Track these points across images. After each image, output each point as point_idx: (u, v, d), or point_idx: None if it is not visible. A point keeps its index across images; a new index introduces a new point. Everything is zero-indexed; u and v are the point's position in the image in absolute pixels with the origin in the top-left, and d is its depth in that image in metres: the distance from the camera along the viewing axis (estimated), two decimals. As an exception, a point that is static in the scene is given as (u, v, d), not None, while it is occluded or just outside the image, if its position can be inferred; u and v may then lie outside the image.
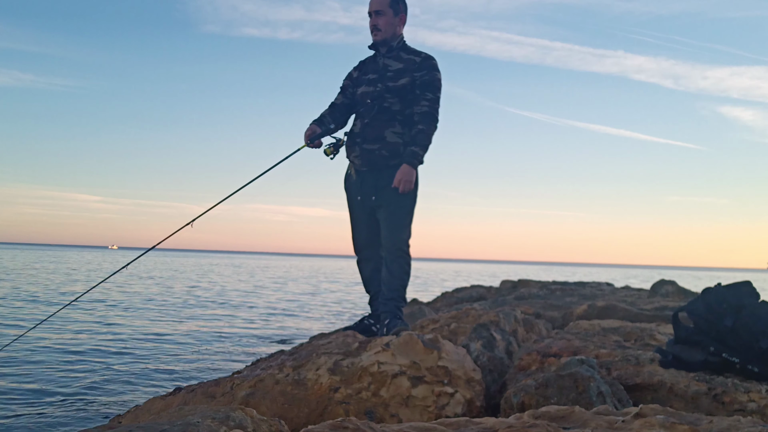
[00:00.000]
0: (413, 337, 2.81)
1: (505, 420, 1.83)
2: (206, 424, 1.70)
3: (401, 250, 3.41)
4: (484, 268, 78.18)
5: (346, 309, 14.36)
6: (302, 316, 12.59)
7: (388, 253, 3.43)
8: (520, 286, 12.34)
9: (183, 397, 2.77)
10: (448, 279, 35.03)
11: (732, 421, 1.68)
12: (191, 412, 1.96)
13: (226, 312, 12.56)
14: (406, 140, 3.38)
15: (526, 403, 2.40)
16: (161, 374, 6.11)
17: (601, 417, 1.81)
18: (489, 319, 4.05)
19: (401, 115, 3.38)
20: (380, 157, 3.38)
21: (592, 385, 2.37)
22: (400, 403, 2.57)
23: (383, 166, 3.39)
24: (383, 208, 3.42)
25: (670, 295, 8.15)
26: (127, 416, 2.78)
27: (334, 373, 2.68)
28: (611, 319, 4.97)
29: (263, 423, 1.89)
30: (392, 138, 3.38)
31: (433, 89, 3.35)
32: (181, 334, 9.04)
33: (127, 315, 11.17)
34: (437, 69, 3.39)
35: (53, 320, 9.81)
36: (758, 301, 2.82)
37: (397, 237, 3.40)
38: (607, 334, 3.87)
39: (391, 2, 3.38)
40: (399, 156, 3.36)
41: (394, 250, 3.40)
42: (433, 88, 3.35)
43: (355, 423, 1.74)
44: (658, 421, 1.68)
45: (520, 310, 4.88)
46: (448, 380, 2.65)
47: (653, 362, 2.90)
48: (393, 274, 3.39)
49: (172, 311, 12.23)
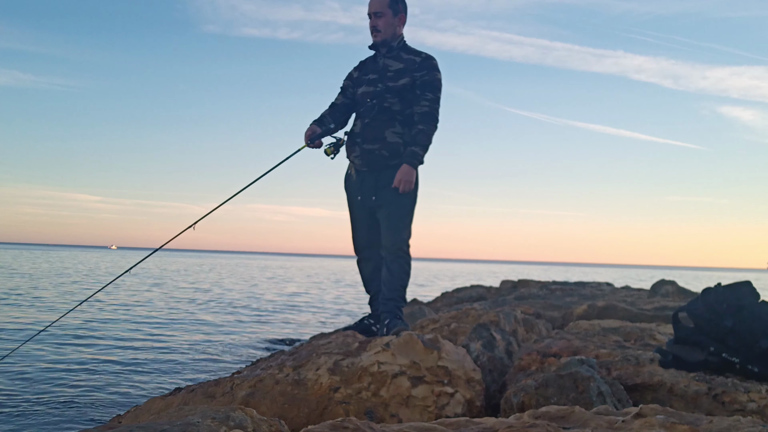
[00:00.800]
0: (413, 337, 2.81)
1: (505, 420, 1.83)
2: (206, 424, 1.70)
3: (401, 250, 3.41)
4: (484, 268, 78.17)
5: (346, 309, 14.36)
6: (302, 316, 12.58)
7: (388, 253, 3.42)
8: (520, 286, 12.34)
9: (183, 397, 2.77)
10: (448, 279, 35.02)
11: (732, 421, 1.68)
12: (191, 412, 1.95)
13: (226, 312, 12.56)
14: (406, 140, 3.37)
15: (526, 403, 2.40)
16: (161, 374, 6.11)
17: (601, 417, 1.81)
18: (489, 319, 4.05)
19: (401, 116, 3.39)
20: (380, 157, 3.38)
21: (592, 385, 2.37)
22: (400, 403, 2.57)
23: (383, 166, 3.39)
24: (383, 208, 3.42)
25: (670, 295, 8.15)
26: (127, 416, 2.78)
27: (334, 373, 2.68)
28: (611, 319, 4.97)
29: (263, 423, 1.88)
30: (392, 138, 3.38)
31: (433, 89, 3.35)
32: (181, 334, 9.04)
33: (127, 315, 11.17)
34: (437, 69, 3.38)
35: (52, 319, 9.81)
36: (758, 301, 2.82)
37: (396, 237, 3.40)
38: (607, 334, 3.87)
39: (391, 3, 3.38)
40: (399, 156, 3.36)
41: (394, 250, 3.40)
42: (433, 88, 3.35)
43: (355, 423, 1.74)
44: (658, 421, 1.68)
45: (520, 310, 4.89)
46: (448, 380, 2.65)
47: (653, 362, 2.90)
48: (393, 274, 3.39)
49: (172, 311, 12.22)
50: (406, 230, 3.43)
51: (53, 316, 9.89)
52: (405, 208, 3.41)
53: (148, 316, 11.21)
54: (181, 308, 12.92)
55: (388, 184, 3.35)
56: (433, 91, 3.35)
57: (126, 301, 14.03)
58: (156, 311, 12.07)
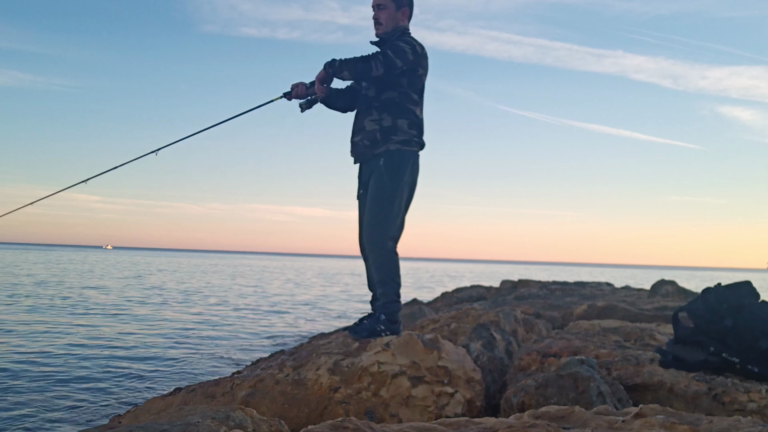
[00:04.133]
0: (413, 337, 2.81)
1: (505, 420, 1.83)
2: (206, 424, 1.70)
3: (378, 246, 3.19)
4: (484, 268, 78.16)
5: (346, 309, 14.35)
6: (302, 316, 12.58)
7: (368, 250, 3.25)
8: (520, 286, 12.35)
9: (183, 397, 2.77)
10: (448, 279, 35.02)
11: (732, 421, 1.68)
12: (191, 412, 1.96)
13: (225, 312, 12.56)
14: (382, 126, 3.21)
15: (526, 403, 2.40)
16: (161, 374, 6.11)
17: (601, 417, 1.81)
18: (489, 319, 4.05)
19: (377, 101, 3.24)
20: (363, 147, 3.28)
21: (592, 385, 2.37)
22: (400, 403, 2.57)
23: (368, 157, 3.28)
24: (367, 201, 3.27)
25: (670, 295, 8.16)
26: (127, 416, 2.78)
27: (334, 373, 2.68)
28: (611, 319, 4.97)
29: (263, 423, 1.89)
30: (370, 126, 3.24)
31: (393, 47, 3.14)
32: (181, 334, 9.03)
33: (127, 315, 11.17)
34: (404, 40, 3.19)
35: (52, 320, 9.82)
36: (758, 301, 2.82)
37: (371, 231, 3.21)
38: (607, 334, 3.87)
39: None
40: (378, 144, 3.21)
41: (371, 247, 3.22)
42: (392, 46, 3.14)
43: (355, 423, 1.74)
44: (658, 421, 1.69)
45: (520, 310, 4.89)
46: (448, 380, 2.65)
47: (653, 362, 2.90)
48: (376, 271, 3.22)
49: (172, 311, 12.22)
50: (385, 223, 3.19)
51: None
52: (384, 201, 3.20)
53: (147, 316, 11.21)
54: (181, 308, 12.92)
55: (370, 176, 3.24)
56: (391, 48, 3.13)
57: (126, 301, 14.03)
58: (155, 311, 12.07)
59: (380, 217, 3.18)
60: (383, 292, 3.17)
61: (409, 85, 3.23)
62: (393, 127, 3.21)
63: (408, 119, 3.23)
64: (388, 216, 3.18)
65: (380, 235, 3.18)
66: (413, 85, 3.24)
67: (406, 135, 3.22)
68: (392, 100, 3.22)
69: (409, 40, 3.22)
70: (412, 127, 3.24)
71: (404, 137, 3.22)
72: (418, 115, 3.29)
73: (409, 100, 3.24)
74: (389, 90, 3.23)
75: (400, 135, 3.21)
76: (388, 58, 3.11)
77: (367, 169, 3.30)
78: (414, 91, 3.25)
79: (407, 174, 3.22)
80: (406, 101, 3.23)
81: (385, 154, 3.21)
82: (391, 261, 3.19)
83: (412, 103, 3.25)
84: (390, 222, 3.19)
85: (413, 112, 3.25)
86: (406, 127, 3.22)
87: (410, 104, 3.24)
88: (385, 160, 3.20)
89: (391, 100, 3.22)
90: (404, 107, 3.23)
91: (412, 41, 3.22)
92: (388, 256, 3.19)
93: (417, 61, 3.21)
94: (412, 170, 3.26)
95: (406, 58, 3.15)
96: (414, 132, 3.25)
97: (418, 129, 3.27)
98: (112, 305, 12.78)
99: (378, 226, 3.19)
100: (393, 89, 3.22)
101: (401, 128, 3.21)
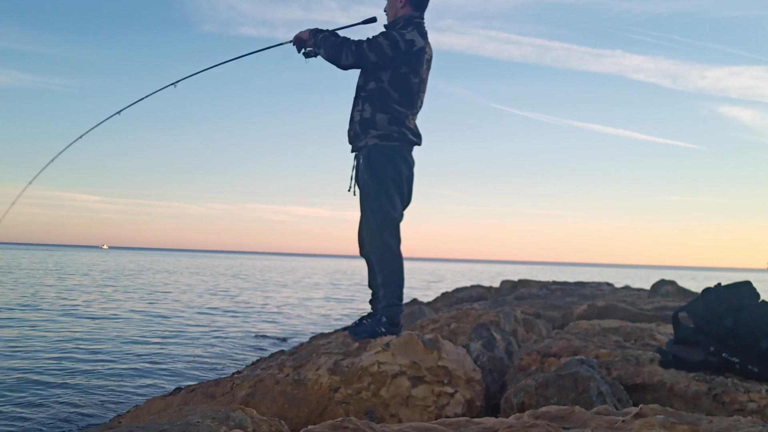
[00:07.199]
0: (413, 337, 2.81)
1: (505, 420, 1.83)
2: (206, 424, 1.70)
3: (377, 246, 3.12)
4: (484, 268, 78.14)
5: (346, 309, 14.35)
6: (302, 316, 12.58)
7: (370, 252, 3.20)
8: (520, 286, 12.34)
9: (183, 397, 2.77)
10: (448, 279, 35.02)
11: (732, 421, 1.68)
12: (191, 412, 1.96)
13: (226, 312, 12.56)
14: (363, 117, 3.15)
15: (526, 403, 2.40)
16: (161, 374, 6.11)
17: (601, 417, 1.81)
18: (489, 319, 4.06)
19: (364, 91, 3.17)
20: (354, 138, 3.24)
21: (592, 385, 2.37)
22: (400, 403, 2.57)
23: (355, 148, 3.26)
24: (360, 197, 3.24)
25: (670, 295, 8.15)
26: (127, 416, 2.78)
27: (334, 373, 2.68)
28: (611, 319, 4.97)
29: (263, 423, 1.89)
30: (357, 117, 3.19)
31: (371, 39, 3.06)
32: (181, 334, 9.03)
33: (126, 315, 11.17)
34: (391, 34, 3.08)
35: (52, 320, 9.82)
36: (758, 301, 2.82)
37: (370, 231, 3.15)
38: (607, 334, 3.87)
39: None
40: (360, 137, 3.17)
41: (372, 249, 3.16)
42: (372, 38, 3.07)
43: (355, 423, 1.74)
44: (658, 421, 1.68)
45: (520, 310, 4.88)
46: (448, 380, 2.65)
47: (653, 362, 2.90)
48: (379, 272, 3.15)
49: (171, 311, 12.22)
50: (378, 217, 3.10)
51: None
52: (369, 199, 3.13)
53: (147, 316, 11.20)
54: (181, 308, 12.92)
55: (360, 169, 3.18)
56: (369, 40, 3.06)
57: (125, 301, 14.03)
58: (156, 311, 12.07)
59: (372, 217, 3.12)
60: (385, 294, 3.12)
61: (390, 81, 3.10)
62: (371, 120, 3.12)
63: (389, 114, 3.11)
64: (377, 214, 3.11)
65: (377, 234, 3.11)
66: (395, 82, 3.10)
67: (385, 130, 3.11)
68: (374, 92, 3.13)
69: (395, 33, 3.07)
70: (393, 122, 3.12)
71: (382, 132, 3.11)
72: (402, 111, 3.13)
73: (390, 96, 3.11)
74: (372, 81, 3.14)
75: (379, 129, 3.11)
76: (361, 49, 3.04)
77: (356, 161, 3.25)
78: (396, 88, 3.11)
79: (390, 170, 3.10)
80: (386, 96, 3.11)
81: (364, 150, 3.15)
82: (393, 262, 3.11)
83: (393, 100, 3.11)
84: (383, 220, 3.11)
85: (395, 108, 3.11)
86: (386, 122, 3.11)
87: (391, 101, 3.11)
88: (364, 159, 3.14)
89: (372, 92, 3.14)
90: (385, 102, 3.11)
91: (399, 36, 3.05)
92: (389, 256, 3.11)
93: (399, 58, 3.07)
94: (396, 166, 3.12)
95: (382, 52, 3.03)
96: (394, 128, 3.11)
97: (399, 125, 3.13)
98: (112, 305, 12.77)
99: (372, 226, 3.13)
100: (374, 81, 3.13)
101: (380, 123, 3.11)
